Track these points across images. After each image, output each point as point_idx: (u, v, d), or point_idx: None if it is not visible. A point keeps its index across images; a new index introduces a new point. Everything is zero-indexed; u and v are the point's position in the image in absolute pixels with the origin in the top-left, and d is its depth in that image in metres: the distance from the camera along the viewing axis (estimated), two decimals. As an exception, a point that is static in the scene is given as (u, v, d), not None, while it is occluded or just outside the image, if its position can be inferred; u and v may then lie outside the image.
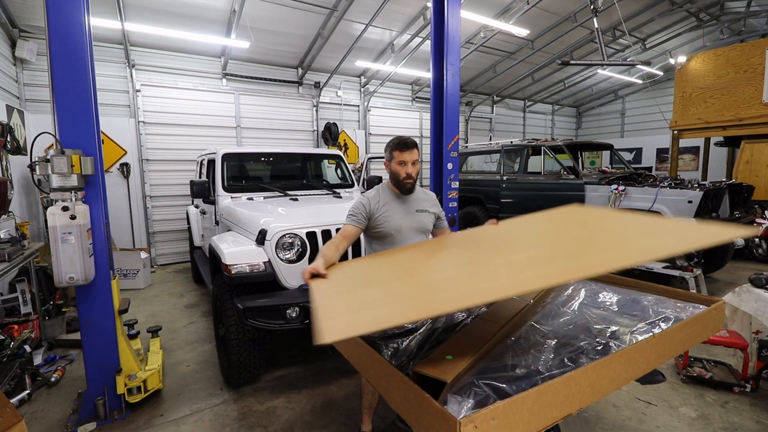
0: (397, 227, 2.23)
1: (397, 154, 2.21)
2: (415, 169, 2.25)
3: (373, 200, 2.24)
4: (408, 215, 2.28)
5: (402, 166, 2.22)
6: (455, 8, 4.19)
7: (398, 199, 2.29)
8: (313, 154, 5.34)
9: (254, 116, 8.36)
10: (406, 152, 2.21)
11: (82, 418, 2.74)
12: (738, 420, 2.70)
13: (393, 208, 2.25)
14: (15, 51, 5.95)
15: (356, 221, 2.21)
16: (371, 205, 2.23)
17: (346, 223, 2.22)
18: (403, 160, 2.21)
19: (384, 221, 2.21)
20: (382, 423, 2.72)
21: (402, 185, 2.26)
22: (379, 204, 2.24)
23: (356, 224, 2.21)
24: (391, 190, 2.32)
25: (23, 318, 3.79)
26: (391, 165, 2.25)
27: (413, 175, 2.25)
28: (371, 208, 2.22)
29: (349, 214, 2.24)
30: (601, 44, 6.24)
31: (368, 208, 2.22)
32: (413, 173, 2.25)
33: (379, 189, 2.33)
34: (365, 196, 2.27)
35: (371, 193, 2.29)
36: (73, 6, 2.50)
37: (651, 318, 1.93)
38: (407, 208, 2.30)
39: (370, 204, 2.23)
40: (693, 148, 12.27)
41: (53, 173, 2.43)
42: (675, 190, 4.95)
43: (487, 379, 1.37)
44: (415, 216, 2.30)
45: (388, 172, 2.30)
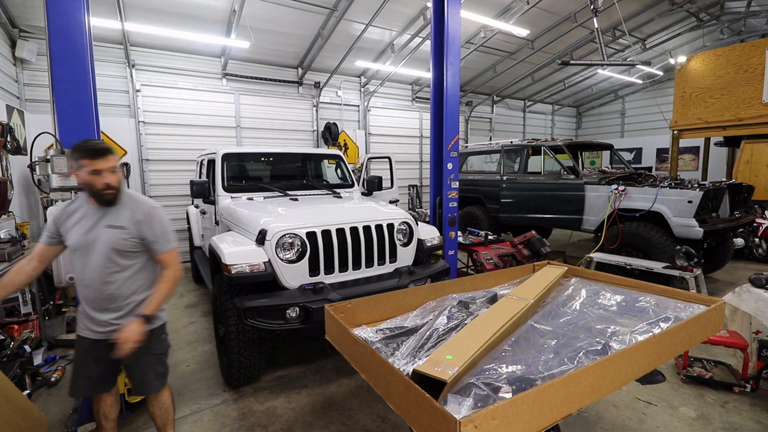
0: (74, 244, 1.95)
1: (88, 162, 1.86)
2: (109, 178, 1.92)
3: (65, 210, 2.00)
4: (93, 231, 1.95)
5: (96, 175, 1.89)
6: (455, 8, 4.19)
7: (97, 212, 1.97)
8: (313, 154, 5.34)
9: (254, 116, 8.35)
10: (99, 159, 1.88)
11: (82, 418, 2.74)
12: (738, 420, 2.70)
13: (81, 221, 1.96)
14: (15, 51, 5.95)
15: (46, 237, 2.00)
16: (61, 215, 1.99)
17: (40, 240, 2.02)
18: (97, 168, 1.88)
19: (66, 235, 1.98)
20: (382, 423, 2.72)
21: (101, 197, 1.94)
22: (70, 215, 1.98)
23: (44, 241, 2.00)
24: (90, 202, 1.99)
25: (23, 318, 3.79)
26: (80, 174, 1.90)
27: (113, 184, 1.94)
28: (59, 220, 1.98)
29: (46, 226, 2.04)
30: (601, 44, 6.24)
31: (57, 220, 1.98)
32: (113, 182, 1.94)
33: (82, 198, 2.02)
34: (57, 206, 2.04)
35: (71, 202, 2.04)
36: (73, 6, 2.50)
37: (651, 318, 1.93)
38: (97, 223, 1.96)
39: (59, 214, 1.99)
40: (693, 148, 12.27)
41: (53, 173, 2.43)
42: (675, 190, 4.95)
43: (487, 379, 1.37)
44: (102, 231, 1.95)
45: (78, 182, 1.96)
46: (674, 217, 4.91)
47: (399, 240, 3.43)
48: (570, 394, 1.25)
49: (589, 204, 5.88)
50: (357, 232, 3.19)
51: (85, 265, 1.96)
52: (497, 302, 2.06)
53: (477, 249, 5.13)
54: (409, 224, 3.52)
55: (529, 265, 2.92)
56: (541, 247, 5.15)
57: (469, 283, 2.55)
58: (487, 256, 4.94)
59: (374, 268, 3.29)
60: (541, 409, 1.18)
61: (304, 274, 2.98)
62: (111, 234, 1.95)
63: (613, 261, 5.00)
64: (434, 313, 2.03)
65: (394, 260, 3.41)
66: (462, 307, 2.03)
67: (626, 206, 5.34)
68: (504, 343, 1.69)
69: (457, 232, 4.69)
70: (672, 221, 4.93)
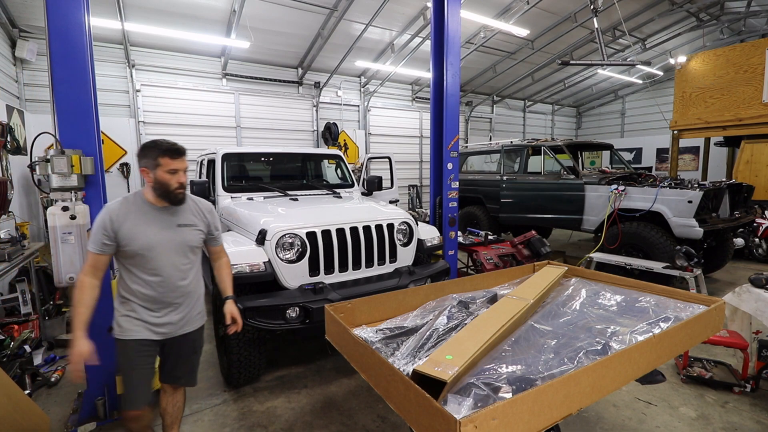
0: (148, 245, 1.90)
1: (168, 161, 1.88)
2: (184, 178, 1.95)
3: (116, 214, 1.87)
4: (168, 231, 1.96)
5: (173, 175, 1.90)
6: (455, 8, 4.19)
7: (158, 212, 1.96)
8: (313, 154, 5.34)
9: (254, 116, 8.36)
10: (178, 159, 1.91)
11: (82, 418, 2.74)
12: (738, 420, 2.70)
13: (146, 223, 1.92)
14: (15, 51, 5.95)
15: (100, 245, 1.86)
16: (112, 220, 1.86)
17: (92, 250, 1.86)
18: (175, 168, 1.90)
19: (131, 238, 1.87)
20: (382, 423, 2.72)
21: (174, 197, 1.94)
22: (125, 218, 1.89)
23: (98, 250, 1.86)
24: (149, 201, 1.96)
25: (23, 318, 3.79)
26: (156, 173, 1.88)
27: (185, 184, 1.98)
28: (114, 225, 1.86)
29: (92, 234, 1.88)
30: (601, 44, 6.24)
31: (110, 226, 1.85)
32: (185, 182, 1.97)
33: (130, 198, 1.96)
34: (108, 209, 1.89)
35: (117, 203, 1.92)
36: (73, 6, 2.50)
37: (651, 318, 1.93)
38: (166, 223, 1.96)
39: (111, 220, 1.86)
40: (693, 148, 12.28)
41: (53, 173, 2.43)
42: (675, 190, 4.95)
43: (487, 379, 1.37)
44: (175, 230, 1.97)
45: (148, 181, 1.92)
46: (674, 217, 4.91)
47: (399, 240, 3.44)
48: (570, 394, 1.25)
49: (589, 204, 5.88)
50: (357, 232, 3.19)
51: (157, 265, 1.92)
52: (497, 302, 2.06)
53: (477, 249, 5.13)
54: (409, 224, 3.52)
55: (529, 265, 2.92)
56: (541, 247, 5.14)
57: (469, 283, 2.55)
58: (487, 256, 4.94)
59: (374, 268, 3.29)
60: (541, 409, 1.18)
61: (304, 274, 2.98)
62: (186, 232, 2.00)
63: (613, 261, 5.00)
64: (434, 313, 2.03)
65: (394, 260, 3.41)
66: (462, 307, 2.03)
67: (626, 206, 5.34)
68: (504, 343, 1.69)
69: (457, 232, 4.69)
70: (672, 221, 4.93)
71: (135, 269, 1.92)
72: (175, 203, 1.97)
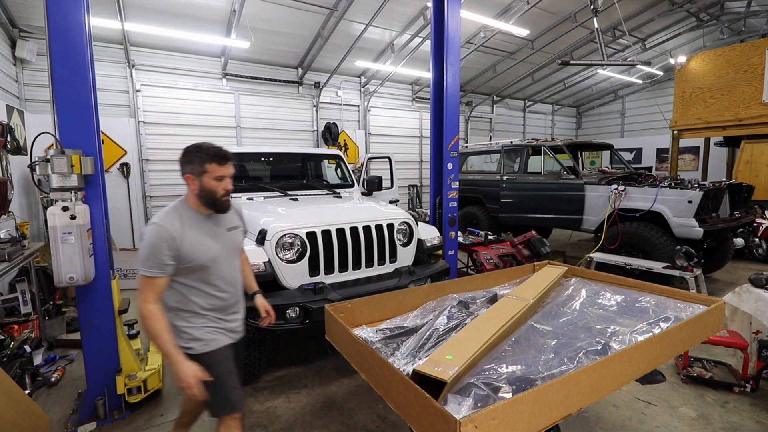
0: (212, 256, 1.82)
1: (216, 167, 1.78)
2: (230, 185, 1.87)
3: (174, 230, 1.73)
4: (221, 237, 1.89)
5: (220, 182, 1.81)
6: (455, 8, 4.19)
7: (208, 219, 1.87)
8: (313, 154, 5.34)
9: (254, 116, 8.36)
10: (227, 164, 1.82)
11: (82, 418, 2.74)
12: (738, 420, 2.70)
13: (204, 233, 1.82)
14: (15, 51, 5.95)
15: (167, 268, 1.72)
16: (174, 237, 1.72)
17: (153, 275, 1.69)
18: (223, 174, 1.81)
19: (195, 253, 1.76)
20: (382, 423, 2.72)
21: (220, 204, 1.85)
22: (184, 232, 1.75)
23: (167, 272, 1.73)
24: (196, 210, 1.85)
25: (23, 318, 3.79)
26: (203, 180, 1.78)
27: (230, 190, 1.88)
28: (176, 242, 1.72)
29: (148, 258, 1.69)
30: (601, 44, 6.24)
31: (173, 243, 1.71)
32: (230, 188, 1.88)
33: (179, 210, 1.82)
34: (162, 227, 1.71)
35: (167, 219, 1.75)
36: (73, 6, 2.50)
37: (651, 318, 1.93)
38: (219, 229, 1.90)
39: (171, 237, 1.71)
40: (693, 148, 12.28)
41: (53, 173, 2.42)
42: (675, 190, 4.95)
43: (487, 379, 1.37)
44: (226, 235, 1.92)
45: (193, 189, 1.80)
46: (674, 217, 4.91)
47: (399, 240, 3.44)
48: (570, 394, 1.25)
49: (589, 204, 5.88)
50: (357, 232, 3.19)
51: (221, 273, 1.87)
52: (497, 302, 2.06)
53: (477, 249, 5.13)
54: (409, 224, 3.52)
55: (529, 265, 2.92)
56: (541, 247, 5.15)
57: (469, 283, 2.55)
58: (487, 256, 4.94)
59: (374, 268, 3.30)
60: (541, 409, 1.18)
61: (304, 274, 2.98)
62: (234, 235, 1.97)
63: (613, 261, 5.00)
64: (434, 313, 2.03)
65: (394, 260, 3.41)
66: (462, 307, 2.03)
67: (626, 206, 5.34)
68: (504, 343, 1.69)
69: (457, 232, 4.69)
70: (672, 221, 4.93)
71: (198, 283, 1.82)
72: (221, 211, 1.89)
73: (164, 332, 1.68)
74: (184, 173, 1.80)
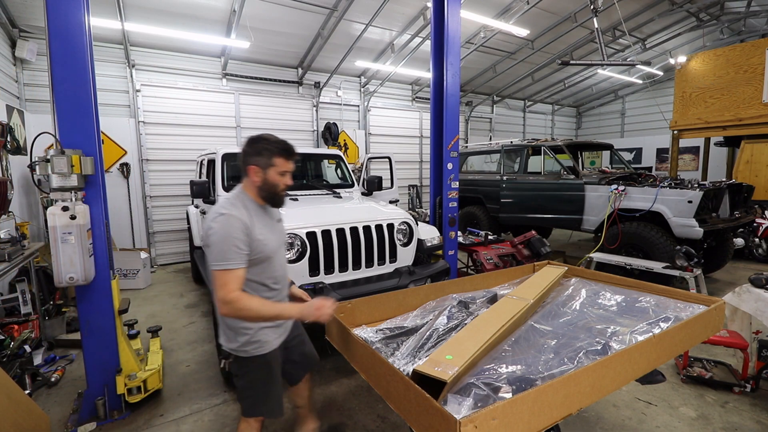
0: (275, 247, 1.82)
1: (282, 162, 1.77)
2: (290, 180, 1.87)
3: (246, 219, 1.70)
4: (275, 229, 1.88)
5: (283, 177, 1.81)
6: (455, 8, 4.19)
7: (265, 212, 1.86)
8: (313, 154, 5.34)
9: (254, 116, 8.35)
10: (292, 160, 1.81)
11: (82, 418, 2.74)
12: (738, 420, 2.70)
13: (265, 225, 1.80)
14: (15, 51, 5.94)
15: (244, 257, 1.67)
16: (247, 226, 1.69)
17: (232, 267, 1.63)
18: (286, 169, 1.81)
19: (263, 243, 1.75)
20: (382, 423, 2.72)
21: (278, 199, 1.86)
22: (253, 222, 1.73)
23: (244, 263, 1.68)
24: (256, 201, 1.82)
25: (23, 318, 3.79)
26: (268, 173, 1.77)
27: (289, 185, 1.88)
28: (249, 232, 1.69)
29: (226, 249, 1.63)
30: (601, 44, 6.24)
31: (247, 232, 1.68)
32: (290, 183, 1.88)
33: (243, 201, 1.78)
34: (233, 215, 1.67)
35: (235, 209, 1.70)
36: (73, 6, 2.50)
37: (651, 318, 1.93)
38: (273, 221, 1.89)
39: (245, 225, 1.68)
40: (693, 148, 12.27)
41: (53, 173, 2.42)
42: (675, 190, 4.95)
43: (487, 379, 1.37)
44: (277, 227, 1.93)
45: (255, 180, 1.79)
46: (674, 217, 4.91)
47: (399, 240, 3.44)
48: (570, 394, 1.25)
49: (589, 204, 5.88)
50: (357, 232, 3.19)
51: (278, 266, 1.86)
52: (497, 302, 2.06)
53: (477, 249, 5.13)
54: (409, 224, 3.52)
55: (529, 265, 2.92)
56: (541, 247, 5.15)
57: (469, 283, 2.55)
58: (487, 256, 4.94)
59: (374, 268, 3.30)
60: (541, 409, 1.18)
61: (304, 274, 2.98)
62: (281, 226, 1.97)
63: (613, 261, 5.00)
64: (434, 313, 2.03)
65: (394, 260, 3.41)
66: (462, 307, 2.03)
67: (626, 206, 5.34)
68: (504, 343, 1.69)
69: (457, 232, 4.69)
70: (672, 221, 4.93)
71: (258, 276, 1.77)
72: (277, 205, 1.88)
73: (261, 304, 1.65)
74: (249, 164, 1.77)
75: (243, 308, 1.60)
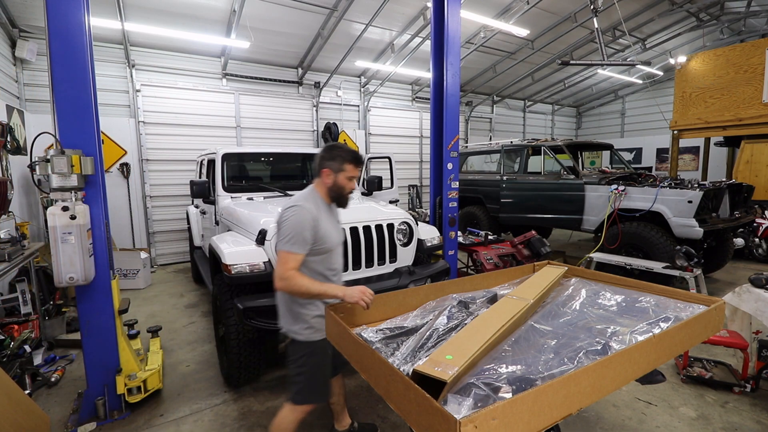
0: (337, 242, 2.09)
1: (351, 169, 2.04)
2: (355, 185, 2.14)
3: (315, 213, 1.97)
4: (338, 227, 2.17)
5: (350, 182, 2.07)
6: (455, 8, 4.19)
7: (330, 210, 2.13)
8: (313, 154, 5.34)
9: (254, 116, 8.36)
10: (359, 168, 2.09)
11: (82, 418, 2.74)
12: (738, 420, 2.70)
13: (329, 221, 2.07)
14: (15, 51, 5.95)
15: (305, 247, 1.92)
16: (315, 219, 1.95)
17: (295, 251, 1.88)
18: (354, 175, 2.07)
19: (326, 237, 1.99)
20: (382, 423, 2.72)
21: (344, 200, 2.12)
22: (320, 217, 1.99)
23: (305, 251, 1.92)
24: (324, 200, 2.09)
25: (23, 318, 3.79)
26: (338, 177, 2.04)
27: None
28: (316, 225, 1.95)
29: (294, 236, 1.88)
30: (601, 44, 6.24)
31: (314, 225, 1.94)
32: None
33: (314, 197, 2.06)
34: (305, 208, 1.94)
35: (308, 203, 1.98)
36: (73, 6, 2.50)
37: (651, 318, 1.93)
38: (336, 219, 2.18)
39: (314, 219, 1.95)
40: (693, 148, 12.27)
41: (53, 173, 2.42)
42: (675, 190, 4.95)
43: (487, 379, 1.37)
44: (340, 227, 2.22)
45: (326, 182, 2.06)
46: (674, 217, 4.91)
47: (399, 240, 3.43)
48: (570, 394, 1.25)
49: (589, 204, 5.88)
50: (357, 232, 3.19)
51: (336, 259, 2.11)
52: (497, 302, 2.06)
53: (477, 249, 5.13)
54: (409, 224, 3.52)
55: (529, 265, 2.92)
56: (541, 247, 5.15)
57: (469, 283, 2.55)
58: (487, 256, 4.94)
59: (374, 268, 3.29)
60: (541, 409, 1.18)
61: (304, 274, 2.98)
62: (340, 226, 2.21)
63: (613, 261, 5.00)
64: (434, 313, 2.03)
65: (394, 260, 3.41)
66: (462, 307, 2.03)
67: (626, 206, 5.34)
68: (504, 343, 1.68)
69: (457, 232, 4.69)
70: (672, 221, 4.93)
71: (318, 266, 2.01)
72: (342, 206, 2.14)
73: (311, 282, 1.88)
74: (323, 167, 2.04)
75: (295, 284, 1.85)
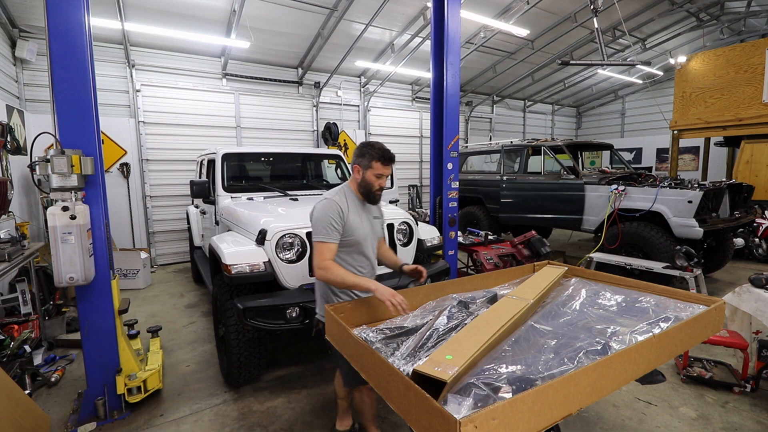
0: (364, 235, 2.19)
1: (379, 166, 2.13)
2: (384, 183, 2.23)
3: (343, 205, 2.12)
4: (368, 222, 2.26)
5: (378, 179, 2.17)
6: (455, 8, 4.19)
7: (362, 205, 2.24)
8: (313, 154, 5.34)
9: (254, 116, 8.35)
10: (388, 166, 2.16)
11: (82, 418, 2.74)
12: (738, 420, 2.70)
13: (359, 215, 2.19)
14: (15, 51, 5.95)
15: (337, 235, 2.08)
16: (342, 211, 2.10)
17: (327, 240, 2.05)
18: (382, 173, 2.15)
19: (354, 229, 2.13)
20: (382, 423, 2.72)
21: (373, 197, 2.22)
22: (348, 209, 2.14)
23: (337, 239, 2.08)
24: (356, 195, 2.22)
25: (23, 318, 3.79)
26: (366, 174, 2.15)
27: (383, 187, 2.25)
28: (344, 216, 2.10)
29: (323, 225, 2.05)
30: (601, 44, 6.24)
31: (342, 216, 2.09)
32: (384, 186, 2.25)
33: (345, 192, 2.20)
34: (334, 200, 2.10)
35: (337, 197, 2.14)
36: (73, 6, 2.50)
37: (651, 318, 1.93)
38: (368, 216, 2.27)
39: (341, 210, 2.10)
40: (693, 148, 12.27)
41: (53, 173, 2.42)
42: (675, 190, 4.95)
43: (487, 379, 1.37)
44: (373, 223, 2.31)
45: (356, 177, 2.19)
46: (674, 217, 4.91)
47: (399, 240, 3.43)
48: (570, 394, 1.25)
49: (589, 204, 5.88)
50: (357, 232, 3.19)
51: (367, 252, 2.22)
52: (497, 302, 2.06)
53: (477, 249, 5.13)
54: (409, 224, 3.52)
55: (529, 265, 2.92)
56: (541, 247, 5.15)
57: (469, 283, 2.55)
58: (487, 256, 4.94)
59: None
60: (541, 409, 1.18)
61: (304, 274, 2.98)
62: (377, 223, 2.34)
63: (613, 261, 5.00)
64: (434, 313, 2.03)
65: (394, 260, 3.41)
66: (462, 307, 2.03)
67: (626, 206, 5.34)
68: (504, 343, 1.68)
69: (457, 232, 4.69)
70: (672, 221, 4.93)
71: (348, 257, 2.16)
72: (372, 202, 2.25)
73: (347, 273, 2.01)
74: (354, 163, 2.17)
75: (332, 273, 1.99)
